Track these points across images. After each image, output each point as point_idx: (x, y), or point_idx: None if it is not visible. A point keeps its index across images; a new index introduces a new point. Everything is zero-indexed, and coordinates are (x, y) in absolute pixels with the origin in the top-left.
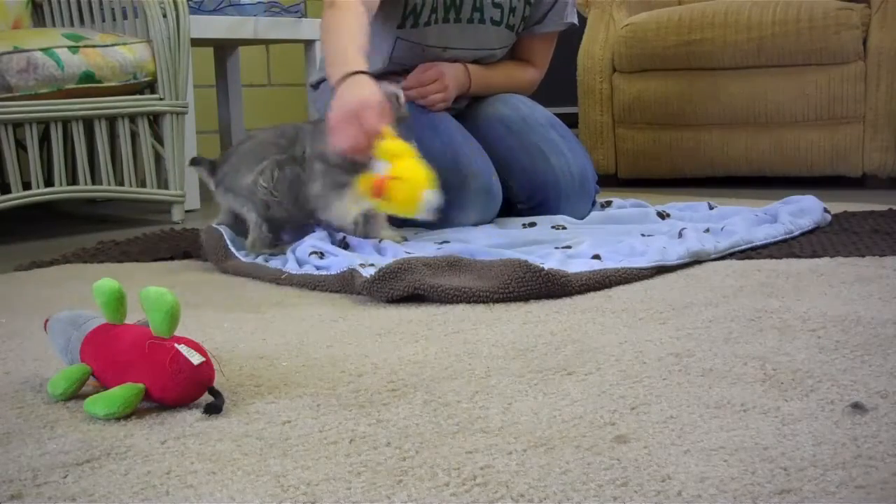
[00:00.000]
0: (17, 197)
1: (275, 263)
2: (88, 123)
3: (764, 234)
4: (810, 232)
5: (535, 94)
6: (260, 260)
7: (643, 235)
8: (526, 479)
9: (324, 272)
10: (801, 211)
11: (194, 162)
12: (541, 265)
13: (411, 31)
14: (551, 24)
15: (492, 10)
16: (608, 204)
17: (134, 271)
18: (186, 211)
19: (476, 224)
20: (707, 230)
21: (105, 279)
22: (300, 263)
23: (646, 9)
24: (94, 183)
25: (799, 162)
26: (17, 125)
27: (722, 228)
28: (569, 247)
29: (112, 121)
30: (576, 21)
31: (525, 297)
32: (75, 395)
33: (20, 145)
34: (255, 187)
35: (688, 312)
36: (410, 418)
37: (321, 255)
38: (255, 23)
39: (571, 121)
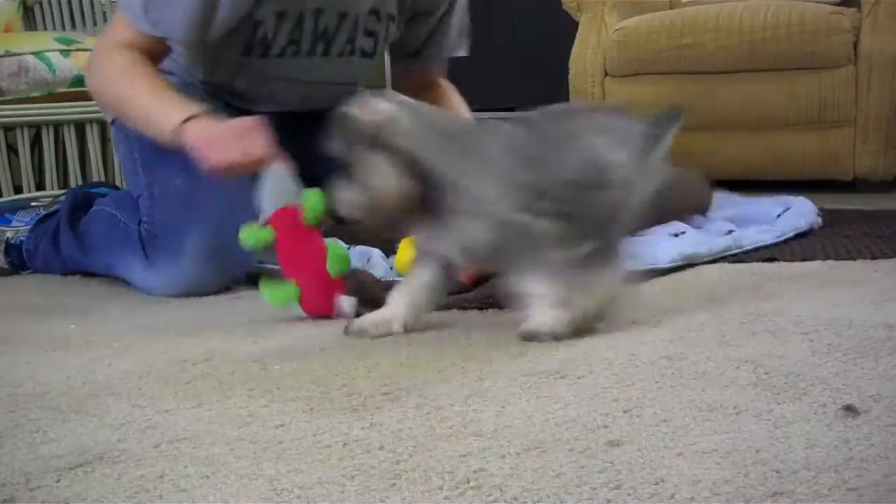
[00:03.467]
0: (8, 200)
1: None
2: (80, 127)
3: (756, 237)
4: (802, 235)
5: (527, 97)
6: None
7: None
8: (519, 483)
9: None
10: (796, 213)
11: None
12: None
13: (259, 62)
14: (434, 61)
15: (364, 41)
16: None
17: None
18: None
19: None
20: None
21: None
22: None
23: (637, 13)
24: (84, 183)
25: (790, 166)
26: (9, 129)
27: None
28: None
29: (103, 124)
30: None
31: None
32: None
33: (11, 149)
34: None
35: (680, 315)
36: (404, 422)
37: None
38: None
39: None
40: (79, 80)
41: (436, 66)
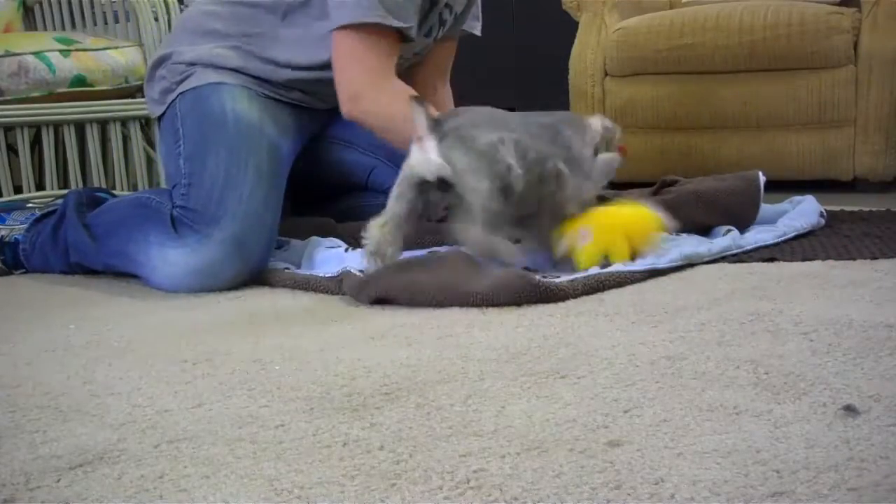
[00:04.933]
0: (6, 201)
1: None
2: (80, 127)
3: (756, 237)
4: (803, 235)
5: (527, 97)
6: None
7: None
8: (519, 483)
9: (318, 273)
10: (798, 213)
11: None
12: (534, 275)
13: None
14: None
15: None
16: None
17: (127, 277)
18: None
19: None
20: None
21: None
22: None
23: (637, 12)
24: (85, 186)
25: (790, 165)
26: (9, 129)
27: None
28: None
29: (103, 124)
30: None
31: (517, 302)
32: None
33: (11, 149)
34: (499, 147)
35: (680, 316)
36: (404, 422)
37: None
38: None
39: None
40: (78, 80)
41: (450, 35)
